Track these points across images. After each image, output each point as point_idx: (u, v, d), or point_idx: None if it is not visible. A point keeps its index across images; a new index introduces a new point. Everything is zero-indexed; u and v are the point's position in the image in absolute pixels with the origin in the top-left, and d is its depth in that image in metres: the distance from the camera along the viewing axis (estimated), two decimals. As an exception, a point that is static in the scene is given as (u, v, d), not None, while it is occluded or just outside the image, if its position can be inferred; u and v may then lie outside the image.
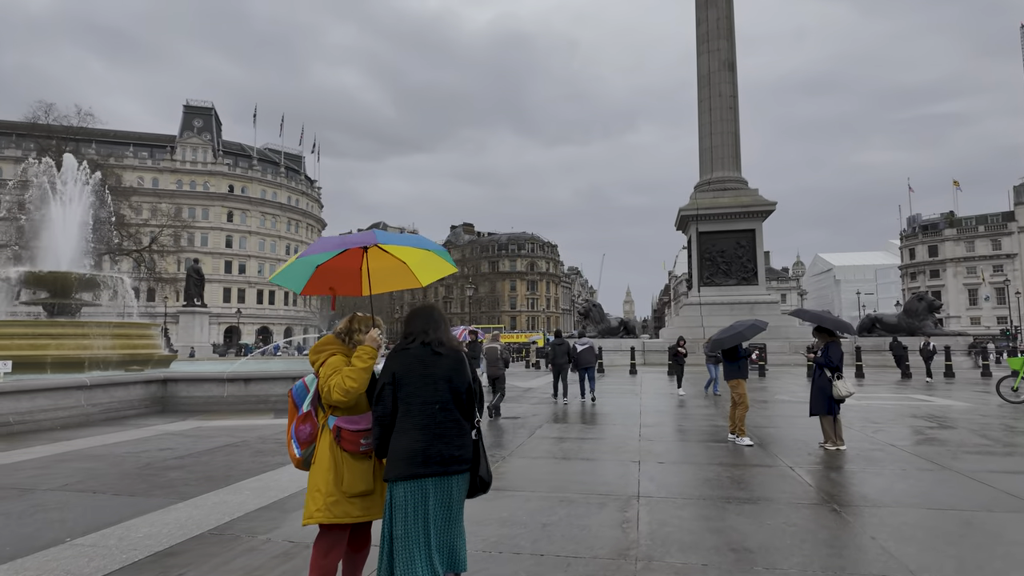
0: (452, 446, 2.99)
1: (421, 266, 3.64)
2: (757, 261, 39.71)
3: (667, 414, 12.42)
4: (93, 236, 53.31)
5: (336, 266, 3.56)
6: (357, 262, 3.60)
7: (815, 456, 7.93)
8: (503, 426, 10.90)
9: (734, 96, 41.73)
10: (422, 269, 3.66)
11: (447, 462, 2.96)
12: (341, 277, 3.70)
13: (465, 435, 3.07)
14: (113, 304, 24.78)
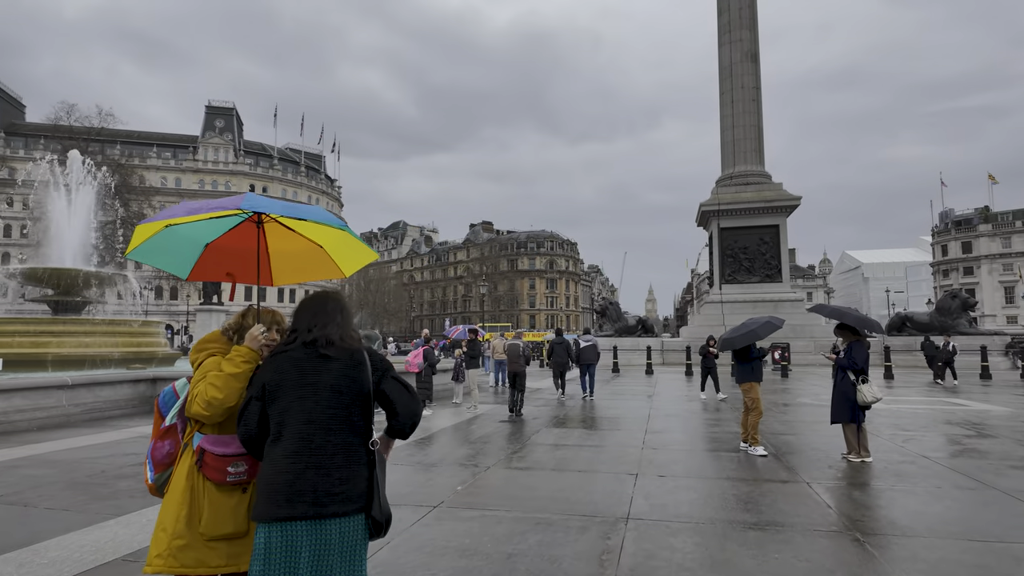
0: (332, 479, 2.25)
1: (340, 250, 2.91)
2: (781, 258, 38.44)
3: (677, 419, 11.58)
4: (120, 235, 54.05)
5: (230, 246, 2.85)
6: (259, 243, 2.89)
7: (837, 469, 7.06)
8: (498, 430, 10.18)
9: (757, 88, 40.44)
10: (343, 254, 2.93)
11: (322, 501, 2.22)
12: (241, 261, 2.98)
13: (354, 464, 2.32)
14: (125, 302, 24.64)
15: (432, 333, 22.02)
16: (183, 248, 2.81)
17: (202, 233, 2.72)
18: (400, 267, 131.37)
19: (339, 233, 2.79)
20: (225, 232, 2.73)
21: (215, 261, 2.89)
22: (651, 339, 36.60)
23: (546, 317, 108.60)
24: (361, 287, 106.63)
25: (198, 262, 2.86)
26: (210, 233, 2.73)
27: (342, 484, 2.26)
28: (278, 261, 2.96)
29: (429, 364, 12.99)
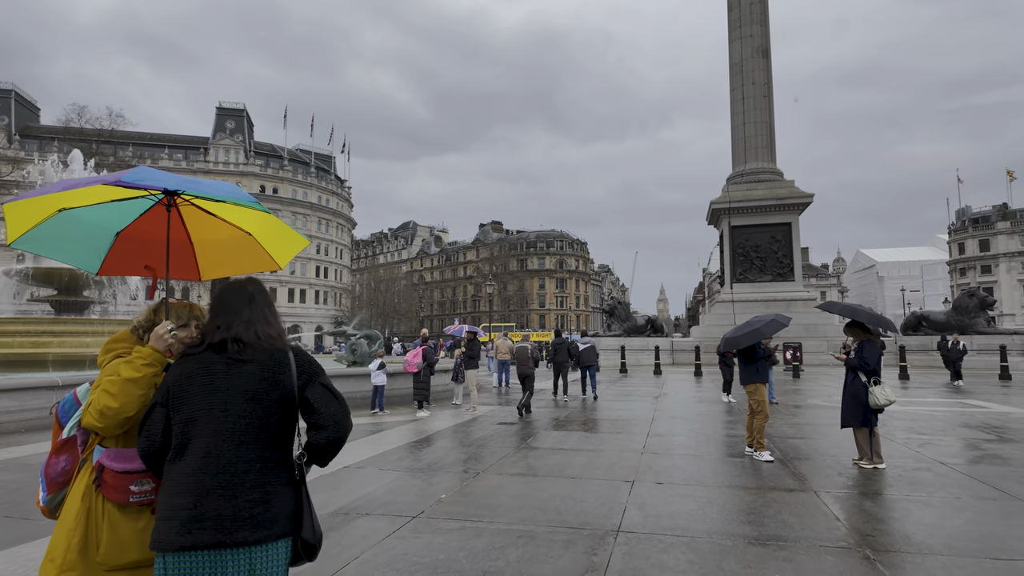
0: (240, 501, 1.91)
1: (270, 237, 2.56)
2: (793, 256, 37.82)
3: (682, 421, 11.16)
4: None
5: (146, 235, 2.51)
6: (178, 232, 2.55)
7: (847, 477, 6.64)
8: (495, 433, 9.83)
9: (768, 84, 39.85)
10: (274, 242, 2.58)
11: (228, 527, 1.88)
12: (160, 252, 2.64)
13: (270, 484, 1.98)
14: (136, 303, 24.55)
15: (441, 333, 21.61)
16: (89, 237, 2.46)
17: (110, 219, 2.39)
18: (410, 267, 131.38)
19: (264, 217, 2.45)
20: (137, 218, 2.39)
21: (130, 252, 2.55)
22: (660, 339, 36.12)
23: (556, 317, 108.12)
24: (371, 287, 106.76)
25: (110, 254, 2.52)
26: (120, 219, 2.40)
27: (253, 507, 1.92)
28: (205, 252, 2.63)
29: (428, 364, 12.70)
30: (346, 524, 5.01)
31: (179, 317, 2.41)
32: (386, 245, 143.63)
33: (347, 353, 16.99)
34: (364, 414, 12.36)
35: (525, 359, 12.98)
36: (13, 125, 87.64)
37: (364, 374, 14.23)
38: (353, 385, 13.86)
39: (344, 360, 17.10)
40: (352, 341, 17.01)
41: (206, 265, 2.63)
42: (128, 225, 2.42)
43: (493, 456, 7.89)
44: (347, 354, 16.97)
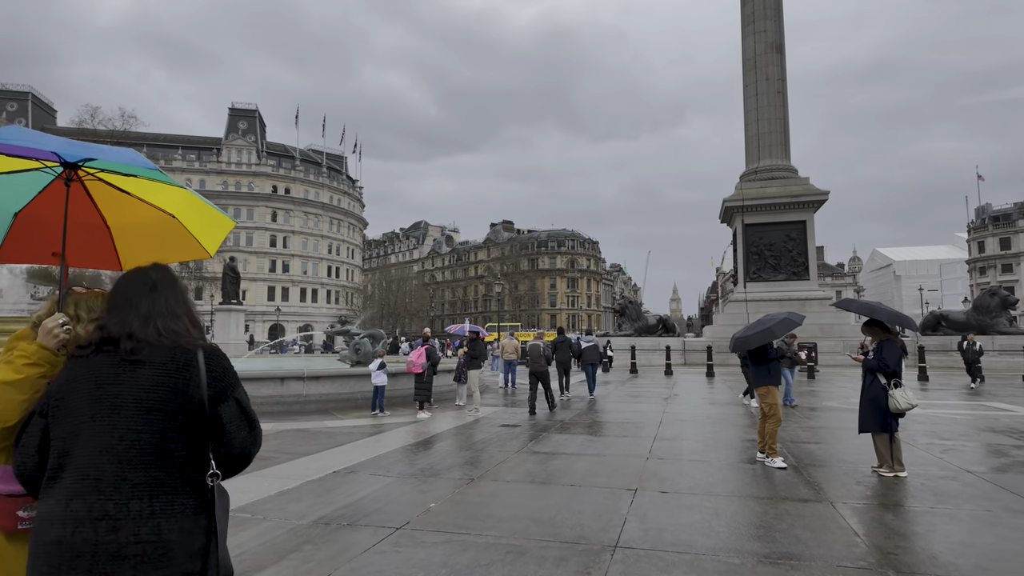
0: (123, 534, 1.56)
1: (196, 220, 2.22)
2: (808, 255, 37.17)
3: (691, 424, 10.74)
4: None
5: (49, 217, 2.17)
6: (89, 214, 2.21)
7: (866, 486, 6.21)
8: (496, 436, 9.48)
9: (782, 80, 39.20)
10: (200, 225, 2.24)
11: (108, 567, 1.54)
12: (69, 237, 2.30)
13: (165, 511, 1.62)
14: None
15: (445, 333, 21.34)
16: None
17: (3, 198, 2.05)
18: (421, 267, 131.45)
19: (185, 196, 2.12)
20: (36, 196, 2.06)
21: (32, 237, 2.21)
22: (672, 339, 35.62)
23: (567, 316, 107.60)
24: (383, 287, 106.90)
25: (7, 238, 2.18)
26: (15, 198, 2.07)
27: (139, 542, 1.57)
28: (125, 238, 2.30)
29: (431, 364, 12.36)
30: (325, 536, 4.68)
31: (90, 309, 2.07)
32: (398, 245, 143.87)
33: (351, 352, 16.73)
34: (365, 415, 12.06)
35: (538, 357, 12.87)
36: (30, 127, 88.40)
37: (367, 374, 13.93)
38: (355, 385, 13.58)
39: (348, 360, 16.85)
40: (356, 340, 16.75)
41: (128, 252, 2.30)
42: (27, 205, 2.09)
43: (491, 461, 7.53)
44: (351, 353, 16.71)
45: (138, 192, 2.08)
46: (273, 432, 9.78)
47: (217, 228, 2.30)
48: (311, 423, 10.78)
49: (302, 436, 9.41)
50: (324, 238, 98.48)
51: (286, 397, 12.66)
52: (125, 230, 2.26)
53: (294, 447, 8.47)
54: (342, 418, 11.62)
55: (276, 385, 12.70)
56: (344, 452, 8.09)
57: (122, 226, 2.25)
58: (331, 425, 10.61)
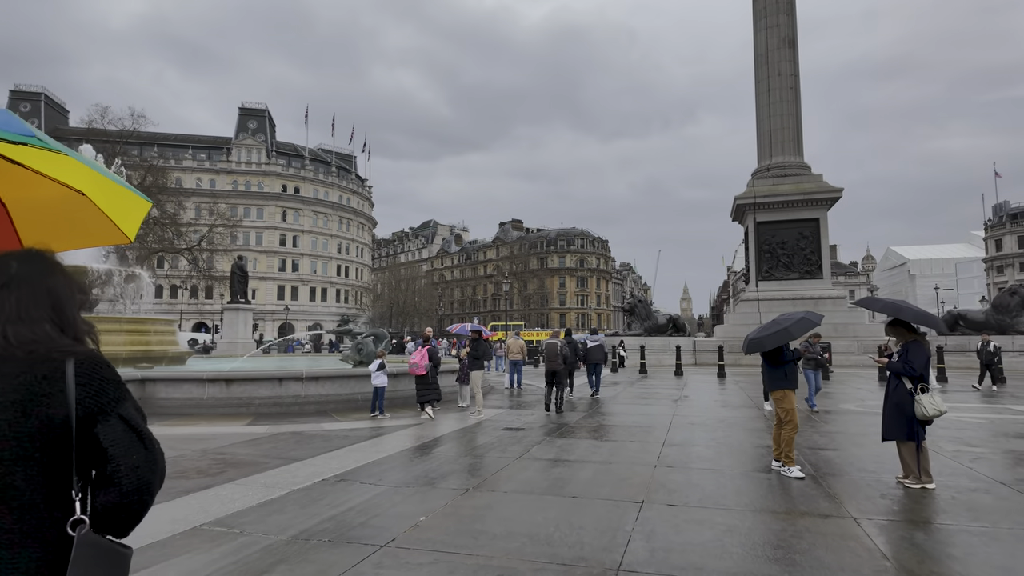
0: None
1: (109, 198, 1.84)
2: (821, 253, 36.55)
3: (703, 429, 10.30)
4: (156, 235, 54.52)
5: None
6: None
7: (891, 499, 5.76)
8: (497, 440, 9.09)
9: (795, 75, 38.56)
10: (114, 204, 1.86)
11: None
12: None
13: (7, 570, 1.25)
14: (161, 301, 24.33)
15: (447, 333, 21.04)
16: None
17: None
18: (430, 266, 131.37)
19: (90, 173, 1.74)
20: None
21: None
22: (682, 339, 35.10)
23: (576, 316, 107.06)
24: (392, 285, 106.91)
25: None
26: None
27: None
28: (25, 216, 1.93)
29: (434, 364, 11.99)
30: (302, 554, 4.31)
31: None
32: (407, 244, 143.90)
33: (353, 352, 16.40)
34: (364, 417, 11.71)
35: (555, 356, 12.72)
36: (43, 127, 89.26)
37: (368, 375, 13.60)
38: (356, 386, 13.26)
39: (350, 360, 16.52)
40: (358, 340, 16.42)
41: (30, 233, 1.93)
42: None
43: (489, 468, 7.14)
44: (353, 353, 16.39)
45: (33, 163, 1.71)
46: (267, 435, 9.46)
47: (134, 209, 1.93)
48: (308, 425, 10.44)
49: (296, 440, 9.07)
50: (333, 237, 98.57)
51: (284, 399, 12.35)
52: (25, 207, 1.90)
53: (287, 452, 8.13)
54: (341, 420, 11.28)
55: (274, 386, 12.39)
56: (338, 457, 7.74)
57: (20, 201, 1.89)
58: (328, 428, 10.27)
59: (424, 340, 12.74)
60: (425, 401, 11.98)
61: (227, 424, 10.72)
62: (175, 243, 57.26)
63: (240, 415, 11.77)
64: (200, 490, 6.02)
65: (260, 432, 9.76)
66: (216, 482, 6.38)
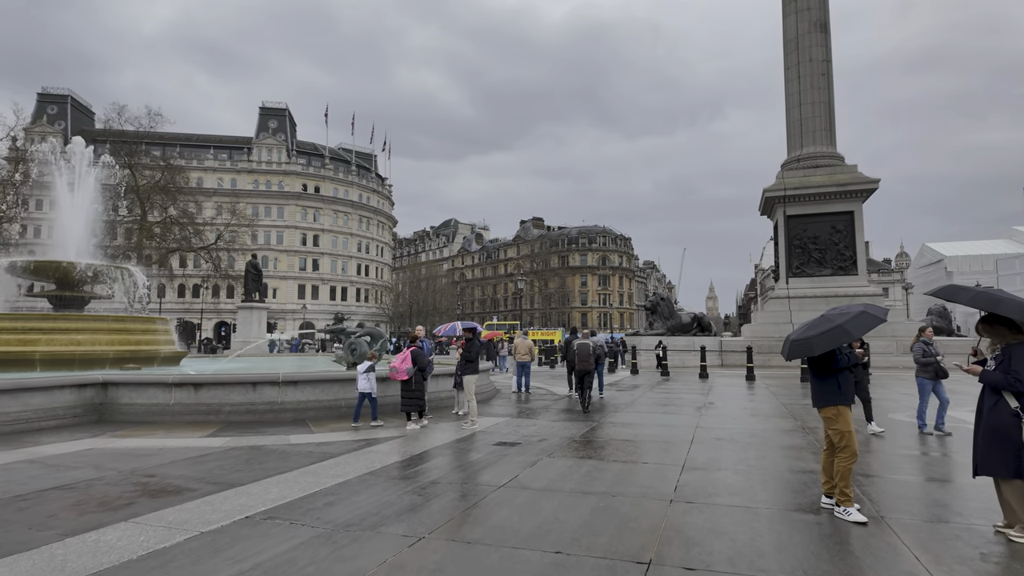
0: None
1: None
2: (856, 248, 34.46)
3: (731, 446, 8.74)
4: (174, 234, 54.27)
5: None
6: None
7: (995, 561, 4.19)
8: (483, 461, 7.67)
9: (827, 61, 36.47)
10: None
11: None
12: None
13: None
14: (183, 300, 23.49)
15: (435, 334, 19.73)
16: None
17: None
18: (451, 265, 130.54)
19: None
20: None
21: None
22: (707, 338, 33.33)
23: (598, 315, 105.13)
24: (412, 284, 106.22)
25: None
26: None
27: None
28: None
29: (419, 369, 10.55)
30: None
31: None
32: (428, 243, 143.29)
33: (346, 353, 15.12)
34: (344, 428, 10.38)
35: (587, 356, 12.81)
36: (69, 130, 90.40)
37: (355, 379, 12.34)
38: (339, 391, 11.95)
39: (343, 361, 15.25)
40: (351, 340, 15.13)
41: None
42: None
43: (460, 503, 5.70)
44: (346, 354, 15.11)
45: None
46: (220, 451, 8.16)
47: None
48: (273, 438, 9.13)
49: (249, 457, 7.75)
50: (353, 236, 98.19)
51: (258, 405, 11.08)
52: None
53: (228, 474, 6.81)
54: (315, 431, 9.96)
55: (247, 391, 11.12)
56: (284, 483, 6.38)
57: None
58: (295, 441, 8.94)
59: (411, 340, 11.32)
60: (408, 410, 10.53)
61: (185, 435, 9.47)
62: (192, 242, 56.93)
63: (207, 423, 10.53)
64: (80, 533, 4.70)
65: (215, 446, 8.47)
66: (111, 520, 5.06)
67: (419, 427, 10.25)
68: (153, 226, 53.70)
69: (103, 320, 18.30)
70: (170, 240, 55.33)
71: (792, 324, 33.04)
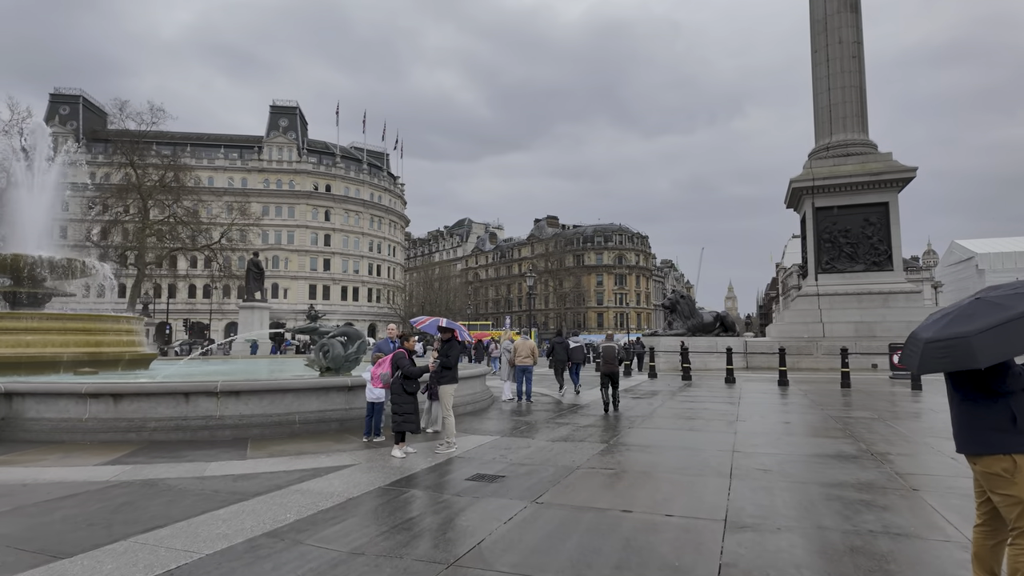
0: None
1: None
2: (891, 242, 31.88)
3: (783, 482, 6.51)
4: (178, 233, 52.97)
5: None
6: None
7: None
8: (449, 507, 5.54)
9: (858, 42, 33.93)
10: None
11: None
12: None
13: None
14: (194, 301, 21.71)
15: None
16: None
17: None
18: (465, 265, 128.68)
19: None
20: None
21: None
22: (732, 339, 30.94)
23: (615, 315, 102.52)
24: (425, 284, 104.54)
25: None
26: None
27: None
28: None
29: (404, 377, 8.23)
30: None
31: None
32: (442, 243, 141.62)
33: (317, 356, 13.08)
34: (291, 450, 8.29)
35: (612, 358, 12.77)
36: (81, 130, 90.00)
37: (339, 386, 10.35)
38: (292, 404, 9.77)
39: (315, 364, 13.22)
40: (323, 342, 13.08)
41: None
42: None
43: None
44: (317, 357, 13.07)
45: None
46: (98, 488, 6.12)
47: None
48: (186, 466, 7.09)
49: (128, 500, 5.70)
50: (365, 235, 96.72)
51: (191, 420, 9.05)
52: None
53: (73, 531, 4.77)
54: (251, 455, 7.90)
55: (177, 403, 9.09)
56: (123, 556, 4.31)
57: None
58: (211, 472, 6.87)
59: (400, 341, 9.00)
60: (402, 430, 8.21)
61: (83, 460, 7.47)
62: (196, 241, 55.54)
63: (125, 443, 8.55)
64: None
65: (99, 479, 6.44)
66: None
67: (402, 455, 7.96)
68: (155, 225, 52.39)
69: (59, 319, 16.49)
70: (174, 239, 53.99)
71: (822, 323, 30.50)
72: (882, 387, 18.11)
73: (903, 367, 13.15)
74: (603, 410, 12.48)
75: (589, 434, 9.67)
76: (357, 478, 6.65)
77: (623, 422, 11.00)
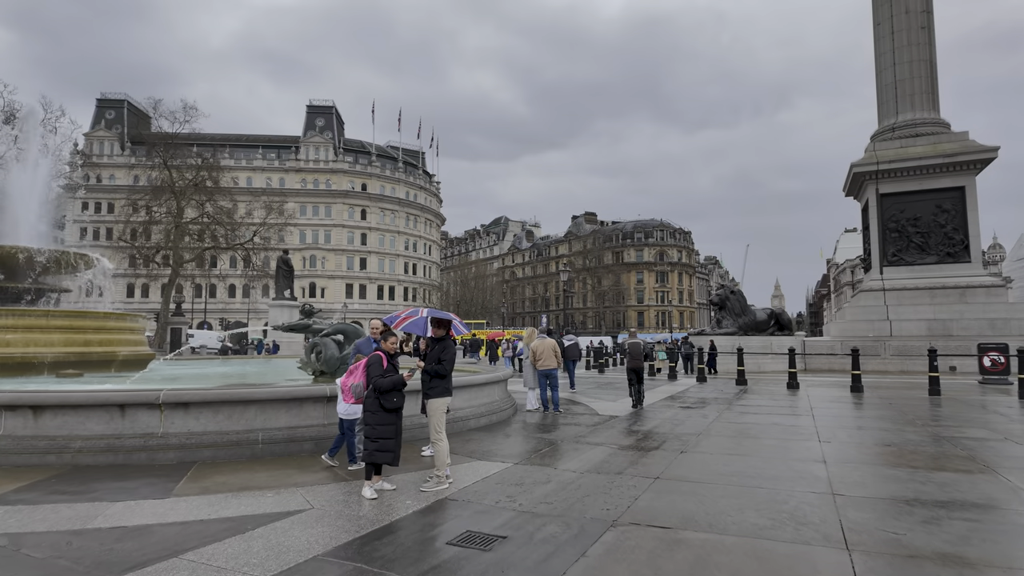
0: None
1: None
2: (968, 230, 28.58)
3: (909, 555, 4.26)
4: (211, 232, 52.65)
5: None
6: None
7: None
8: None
9: (927, 12, 30.68)
10: None
11: None
12: None
13: None
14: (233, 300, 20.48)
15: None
16: None
17: None
18: (501, 263, 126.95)
19: None
20: None
21: None
22: (788, 338, 28.15)
23: (656, 313, 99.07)
24: (461, 283, 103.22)
25: None
26: None
27: None
28: None
29: (376, 390, 6.19)
30: None
31: None
32: (478, 242, 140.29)
33: (309, 358, 11.26)
34: (242, 480, 6.40)
35: (638, 354, 13.21)
36: (126, 133, 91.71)
37: (316, 396, 8.44)
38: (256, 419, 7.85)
39: (308, 367, 11.40)
40: (315, 340, 11.26)
41: None
42: None
43: None
44: (309, 359, 11.24)
45: None
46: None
47: None
48: (76, 509, 5.23)
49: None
50: (401, 234, 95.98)
51: (126, 439, 7.23)
52: None
53: None
54: (184, 490, 6.02)
55: (111, 418, 7.28)
56: None
57: None
58: (96, 526, 4.96)
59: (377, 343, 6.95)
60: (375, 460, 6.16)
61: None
62: (231, 240, 55.12)
63: (41, 467, 6.79)
64: None
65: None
66: None
67: (372, 495, 5.94)
68: (189, 225, 52.16)
69: (44, 316, 15.13)
70: (210, 239, 53.65)
71: (889, 320, 27.44)
72: (974, 394, 15.38)
73: (995, 370, 9.91)
74: (631, 405, 13.03)
75: (629, 461, 7.49)
76: (294, 537, 4.64)
77: (671, 443, 8.76)
